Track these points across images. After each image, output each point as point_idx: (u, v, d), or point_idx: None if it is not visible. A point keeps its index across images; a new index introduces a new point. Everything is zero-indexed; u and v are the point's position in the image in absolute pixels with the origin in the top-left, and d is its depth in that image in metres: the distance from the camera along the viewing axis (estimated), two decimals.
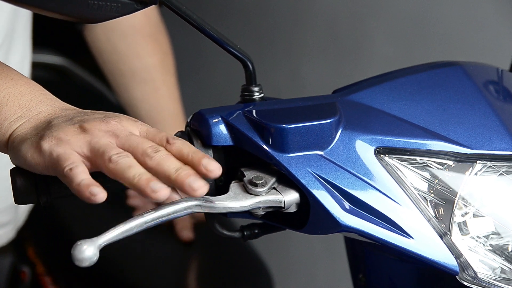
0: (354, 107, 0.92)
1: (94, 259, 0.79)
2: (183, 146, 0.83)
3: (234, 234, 0.96)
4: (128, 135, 0.83)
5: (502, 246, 0.89)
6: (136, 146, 0.82)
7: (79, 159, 0.81)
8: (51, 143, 0.82)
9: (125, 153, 0.81)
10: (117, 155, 0.80)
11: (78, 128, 0.83)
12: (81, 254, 0.78)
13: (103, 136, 0.82)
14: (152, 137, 0.84)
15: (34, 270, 1.53)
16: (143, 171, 0.80)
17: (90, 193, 0.78)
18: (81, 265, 0.79)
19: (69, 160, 0.80)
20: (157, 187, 0.78)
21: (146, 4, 0.86)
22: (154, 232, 0.84)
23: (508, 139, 0.90)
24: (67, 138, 0.82)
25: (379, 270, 1.00)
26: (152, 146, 0.81)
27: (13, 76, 0.89)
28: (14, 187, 0.86)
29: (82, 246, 0.78)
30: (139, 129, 0.85)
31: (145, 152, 0.81)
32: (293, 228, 0.90)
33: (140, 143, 0.82)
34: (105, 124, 0.83)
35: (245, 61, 0.92)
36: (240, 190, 0.87)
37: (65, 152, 0.81)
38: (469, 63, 0.99)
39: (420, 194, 0.88)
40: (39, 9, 0.83)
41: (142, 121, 0.87)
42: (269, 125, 0.86)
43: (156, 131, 0.85)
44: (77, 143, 0.82)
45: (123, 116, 0.86)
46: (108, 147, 0.81)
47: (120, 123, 0.84)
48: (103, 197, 0.79)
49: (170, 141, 0.83)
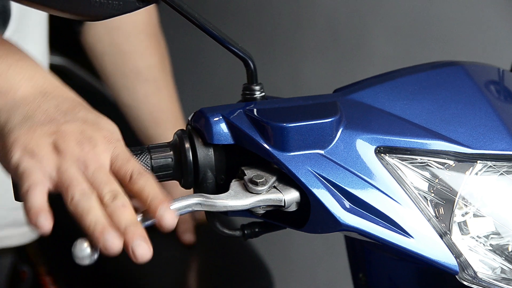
0: (355, 106, 0.92)
1: (94, 257, 0.79)
2: (145, 187, 0.81)
3: (234, 232, 0.96)
4: (95, 170, 0.81)
5: (502, 246, 0.90)
6: (98, 188, 0.80)
7: (42, 179, 0.79)
8: (22, 154, 0.80)
9: (88, 194, 0.79)
10: (80, 194, 0.79)
11: (52, 145, 0.81)
12: (81, 252, 0.78)
13: (73, 165, 0.80)
14: (118, 168, 0.82)
15: (34, 270, 1.53)
16: (99, 219, 0.78)
17: (35, 223, 0.77)
18: (81, 263, 0.79)
19: (31, 179, 0.79)
20: (109, 240, 0.77)
21: (147, 2, 0.86)
22: (155, 232, 0.84)
23: (509, 139, 0.90)
24: (39, 155, 0.80)
25: (379, 269, 1.00)
26: (111, 192, 0.80)
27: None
28: (14, 184, 0.86)
29: (83, 244, 0.78)
30: (111, 154, 0.83)
31: (103, 197, 0.79)
32: (293, 227, 0.91)
33: (102, 184, 0.80)
34: (79, 150, 0.81)
35: (246, 59, 0.92)
36: (241, 188, 0.87)
37: (31, 168, 0.79)
38: (470, 63, 1.00)
39: (421, 194, 0.88)
40: (42, 6, 0.83)
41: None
42: (270, 124, 0.86)
43: (124, 160, 0.83)
44: (47, 165, 0.80)
45: (100, 134, 0.83)
46: (74, 182, 0.79)
47: (93, 149, 0.82)
48: (48, 230, 0.77)
49: (134, 177, 0.81)
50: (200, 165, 0.89)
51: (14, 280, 1.52)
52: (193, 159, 0.89)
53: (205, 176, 0.89)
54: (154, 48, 1.57)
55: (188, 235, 1.53)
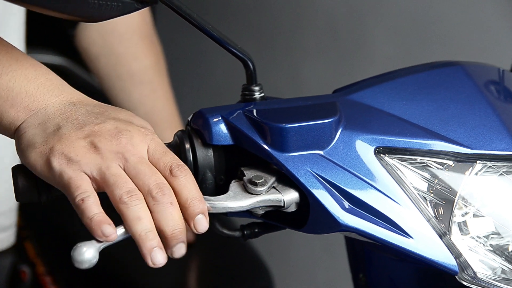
0: (354, 106, 0.92)
1: (93, 261, 0.79)
2: (185, 186, 0.83)
3: (234, 233, 0.96)
4: (136, 163, 0.82)
5: (502, 246, 0.89)
6: (143, 182, 0.81)
7: (90, 185, 0.81)
8: (61, 162, 0.81)
9: (136, 196, 0.80)
10: (128, 195, 0.80)
11: (89, 146, 0.82)
12: (80, 256, 0.78)
13: (113, 160, 0.82)
14: (157, 160, 0.84)
15: (34, 270, 1.53)
16: (150, 229, 0.80)
17: (102, 233, 0.79)
18: (80, 267, 0.78)
19: (80, 189, 0.80)
20: (158, 257, 0.80)
21: (146, 3, 0.86)
22: None
23: (508, 139, 0.90)
24: (78, 158, 0.81)
25: (379, 269, 1.00)
26: (157, 185, 0.81)
27: (19, 57, 0.87)
28: (15, 185, 0.86)
29: (82, 248, 0.78)
30: (147, 146, 0.84)
31: (150, 192, 0.81)
32: (293, 227, 0.90)
33: (147, 178, 0.82)
34: (116, 143, 0.83)
35: (246, 60, 0.92)
36: (240, 189, 0.87)
37: (75, 177, 0.80)
38: (470, 63, 0.99)
39: (420, 194, 0.88)
40: (39, 8, 0.83)
41: None
42: (269, 125, 0.86)
43: (162, 153, 0.84)
44: (87, 165, 0.81)
45: (134, 127, 0.85)
46: (119, 181, 0.81)
47: (130, 141, 0.83)
48: (114, 237, 0.79)
49: (174, 172, 0.83)
50: (199, 165, 0.89)
51: (14, 280, 1.52)
52: (192, 159, 0.89)
53: (205, 177, 0.89)
54: (148, 50, 1.57)
55: (187, 234, 1.53)
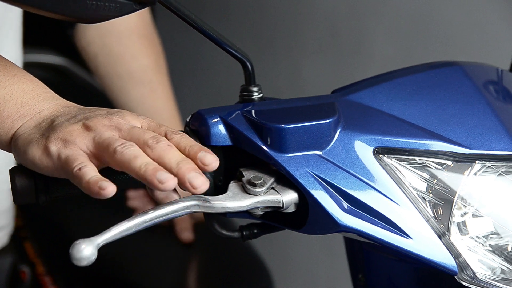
0: (353, 107, 0.92)
1: (92, 258, 0.79)
2: (181, 139, 0.83)
3: (233, 234, 0.96)
4: (131, 128, 0.84)
5: (501, 246, 0.89)
6: (138, 137, 0.82)
7: (87, 158, 0.82)
8: (58, 145, 0.83)
9: (129, 143, 0.81)
10: (122, 145, 0.81)
11: (82, 127, 0.84)
12: (79, 254, 0.78)
13: (106, 131, 0.83)
14: (153, 130, 0.85)
15: (34, 270, 1.53)
16: (149, 161, 0.80)
17: (99, 188, 0.79)
18: (79, 264, 0.78)
19: (77, 161, 0.81)
20: (164, 178, 0.79)
21: (144, 4, 0.86)
22: (154, 232, 0.84)
23: (507, 139, 0.90)
24: (73, 138, 0.83)
25: (378, 270, 1.00)
26: (153, 137, 0.82)
27: (16, 72, 0.89)
28: (13, 187, 0.86)
29: (81, 246, 0.78)
30: (140, 123, 0.86)
31: (146, 142, 0.82)
32: (292, 228, 0.90)
33: (142, 134, 0.83)
34: (108, 120, 0.84)
35: (244, 61, 0.92)
36: (239, 190, 0.87)
37: (72, 153, 0.82)
38: (469, 63, 0.99)
39: (419, 194, 0.88)
40: (37, 9, 0.83)
41: None
42: (268, 125, 0.86)
43: (157, 125, 0.86)
44: (83, 141, 0.83)
45: (125, 111, 0.87)
46: (112, 140, 0.82)
47: (122, 118, 0.85)
48: (113, 190, 0.79)
49: (169, 135, 0.84)
50: None
51: (14, 280, 1.52)
52: None
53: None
54: (147, 49, 1.58)
55: (186, 233, 1.53)
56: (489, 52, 1.89)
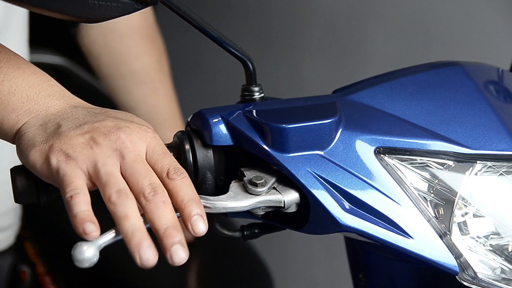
0: (354, 107, 0.92)
1: (94, 260, 0.78)
2: (181, 188, 0.82)
3: (234, 233, 0.96)
4: (133, 161, 0.82)
5: (502, 246, 0.89)
6: (137, 182, 0.81)
7: (83, 182, 0.81)
8: (59, 158, 0.81)
9: (124, 193, 0.80)
10: (117, 195, 0.79)
11: (87, 141, 0.82)
12: (81, 255, 0.78)
13: (110, 157, 0.82)
14: (155, 161, 0.83)
15: (34, 270, 1.53)
16: (137, 226, 0.78)
17: (83, 230, 0.78)
18: (81, 266, 0.78)
19: (71, 186, 0.80)
20: (145, 257, 0.78)
21: (146, 4, 0.86)
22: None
23: (508, 139, 0.90)
24: (75, 155, 0.81)
25: (379, 270, 1.00)
26: (151, 186, 0.81)
27: (21, 64, 0.88)
28: (14, 187, 0.86)
29: (82, 247, 0.78)
30: (146, 144, 0.84)
31: (143, 192, 0.80)
32: (293, 228, 0.90)
33: (142, 178, 0.81)
34: (115, 139, 0.83)
35: (245, 61, 0.92)
36: (240, 190, 0.87)
37: (70, 173, 0.80)
38: (470, 63, 0.99)
39: (420, 194, 0.88)
40: (39, 8, 0.83)
41: None
42: (269, 125, 0.86)
43: (161, 154, 0.84)
44: (84, 162, 0.81)
45: (134, 124, 0.85)
46: (111, 181, 0.80)
47: (129, 137, 0.83)
48: (95, 236, 0.78)
49: (170, 175, 0.82)
50: (199, 166, 0.89)
51: (14, 280, 1.52)
52: (192, 160, 0.89)
53: (205, 177, 0.89)
54: (149, 49, 1.57)
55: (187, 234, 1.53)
56: (489, 52, 1.89)
